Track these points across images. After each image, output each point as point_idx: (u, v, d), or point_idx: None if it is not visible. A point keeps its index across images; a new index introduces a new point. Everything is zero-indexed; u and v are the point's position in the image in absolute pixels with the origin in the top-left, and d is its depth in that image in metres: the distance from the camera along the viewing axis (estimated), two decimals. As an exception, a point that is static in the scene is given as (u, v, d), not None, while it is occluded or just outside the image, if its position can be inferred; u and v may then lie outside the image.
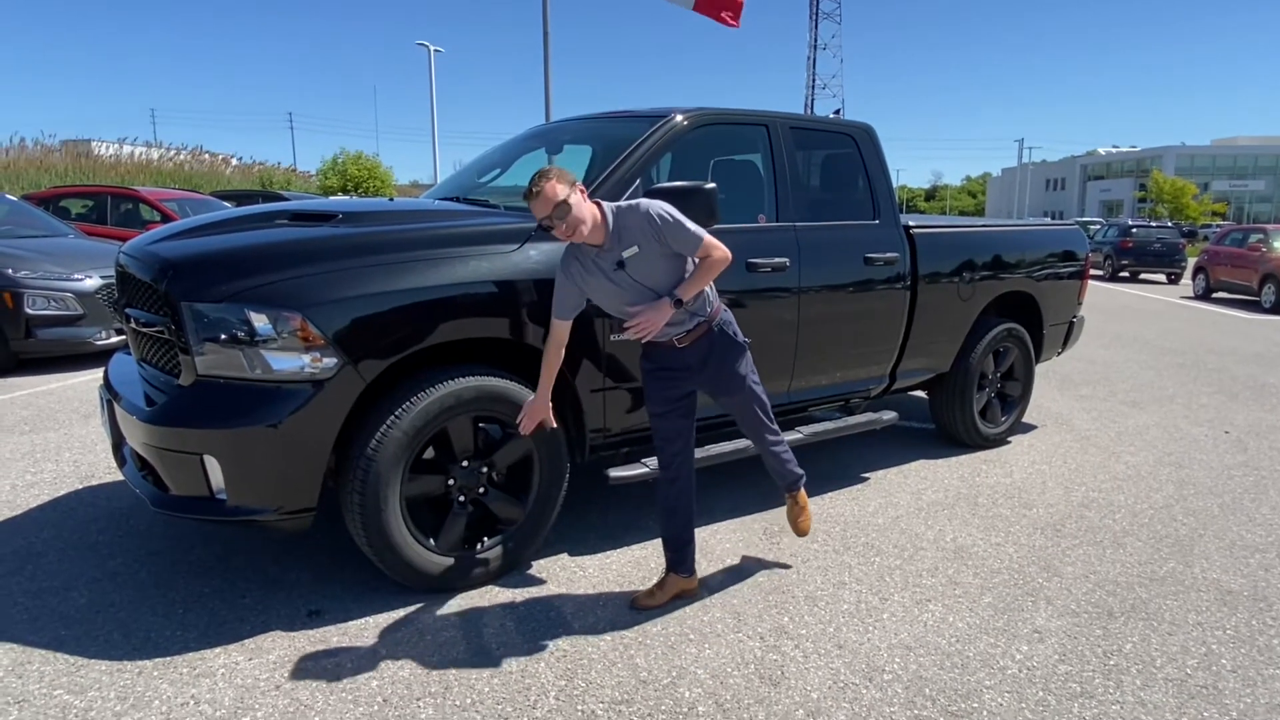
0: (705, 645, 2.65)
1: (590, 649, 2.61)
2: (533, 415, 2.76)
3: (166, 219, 9.45)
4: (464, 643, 2.63)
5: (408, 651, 2.57)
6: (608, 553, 3.35)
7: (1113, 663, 2.63)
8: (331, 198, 14.42)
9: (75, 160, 22.23)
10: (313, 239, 2.82)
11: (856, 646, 2.67)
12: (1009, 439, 5.13)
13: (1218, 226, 35.95)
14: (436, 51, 26.08)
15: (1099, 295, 15.28)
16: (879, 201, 4.17)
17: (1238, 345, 9.63)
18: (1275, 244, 14.72)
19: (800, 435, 3.85)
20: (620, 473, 3.25)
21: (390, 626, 2.71)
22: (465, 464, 2.92)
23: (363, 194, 28.11)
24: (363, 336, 2.63)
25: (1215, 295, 16.31)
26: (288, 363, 2.56)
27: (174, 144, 28.14)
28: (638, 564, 3.25)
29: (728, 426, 3.75)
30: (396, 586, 2.91)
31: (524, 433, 2.81)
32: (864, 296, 4.04)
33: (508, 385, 2.91)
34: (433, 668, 2.48)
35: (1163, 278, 21.39)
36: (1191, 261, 18.83)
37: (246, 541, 3.33)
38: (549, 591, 3.00)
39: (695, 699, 2.37)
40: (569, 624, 2.77)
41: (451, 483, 2.90)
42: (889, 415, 4.24)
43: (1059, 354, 5.55)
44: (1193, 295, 16.65)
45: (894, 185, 4.35)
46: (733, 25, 8.36)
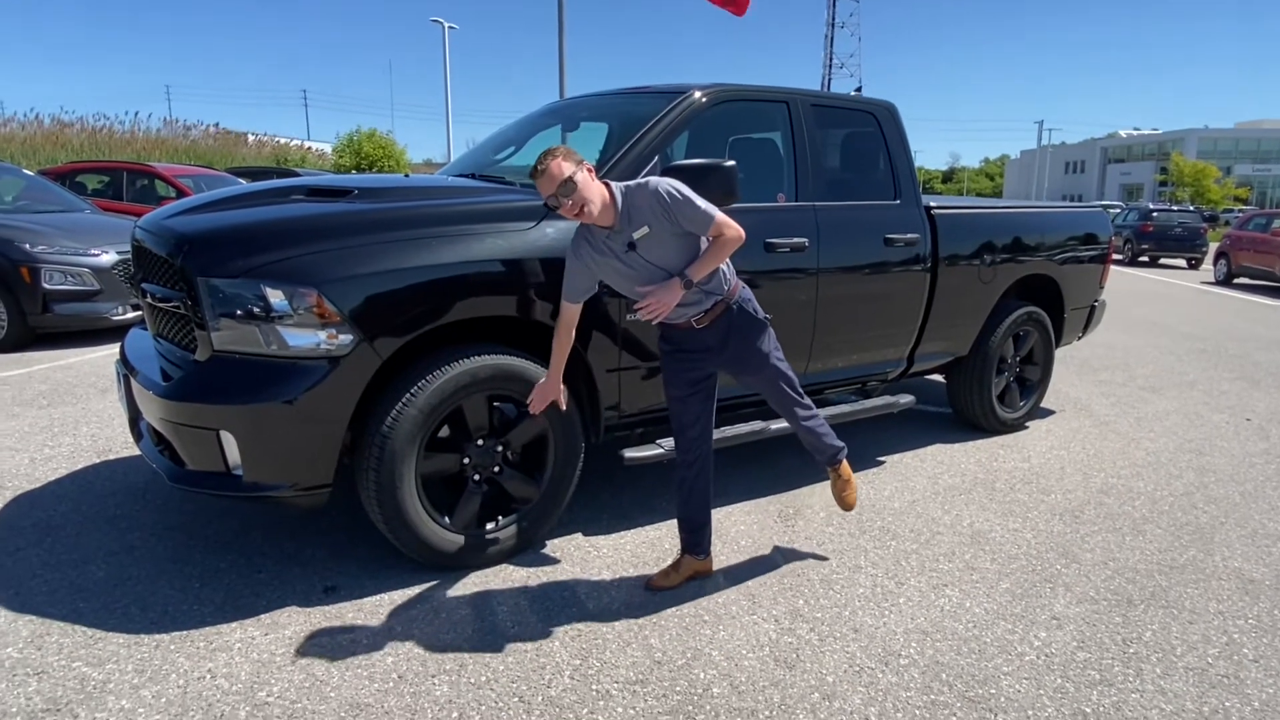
0: (720, 627, 2.64)
1: (605, 629, 2.61)
2: (543, 395, 2.75)
3: (181, 195, 9.46)
4: (478, 621, 2.63)
5: (422, 629, 2.57)
6: (622, 533, 3.34)
7: (1132, 650, 2.61)
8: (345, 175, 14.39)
9: (91, 136, 22.30)
10: (329, 215, 2.80)
11: (872, 631, 2.65)
12: (1026, 424, 5.08)
13: (1240, 211, 35.39)
14: (451, 28, 25.93)
15: (1118, 279, 15.09)
16: (900, 181, 4.10)
17: (1260, 331, 9.49)
18: (1300, 229, 14.47)
19: None
20: (635, 453, 3.23)
21: (405, 604, 2.72)
22: (480, 443, 2.91)
23: (377, 172, 28.07)
24: (378, 313, 2.61)
25: (1237, 281, 16.07)
26: (304, 339, 2.55)
27: (191, 121, 28.19)
28: (652, 544, 3.24)
29: (745, 408, 3.72)
30: (411, 564, 2.91)
31: (533, 412, 2.79)
32: (883, 278, 3.99)
33: (523, 364, 2.89)
34: (447, 646, 2.49)
35: (1183, 263, 21.10)
36: (1213, 247, 18.55)
37: (263, 517, 3.35)
38: (563, 571, 2.99)
39: (710, 680, 2.36)
40: (583, 604, 2.76)
41: (466, 461, 2.90)
42: (906, 399, 4.19)
43: (1079, 339, 5.47)
44: (1214, 281, 16.42)
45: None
46: (738, 14, 8.27)
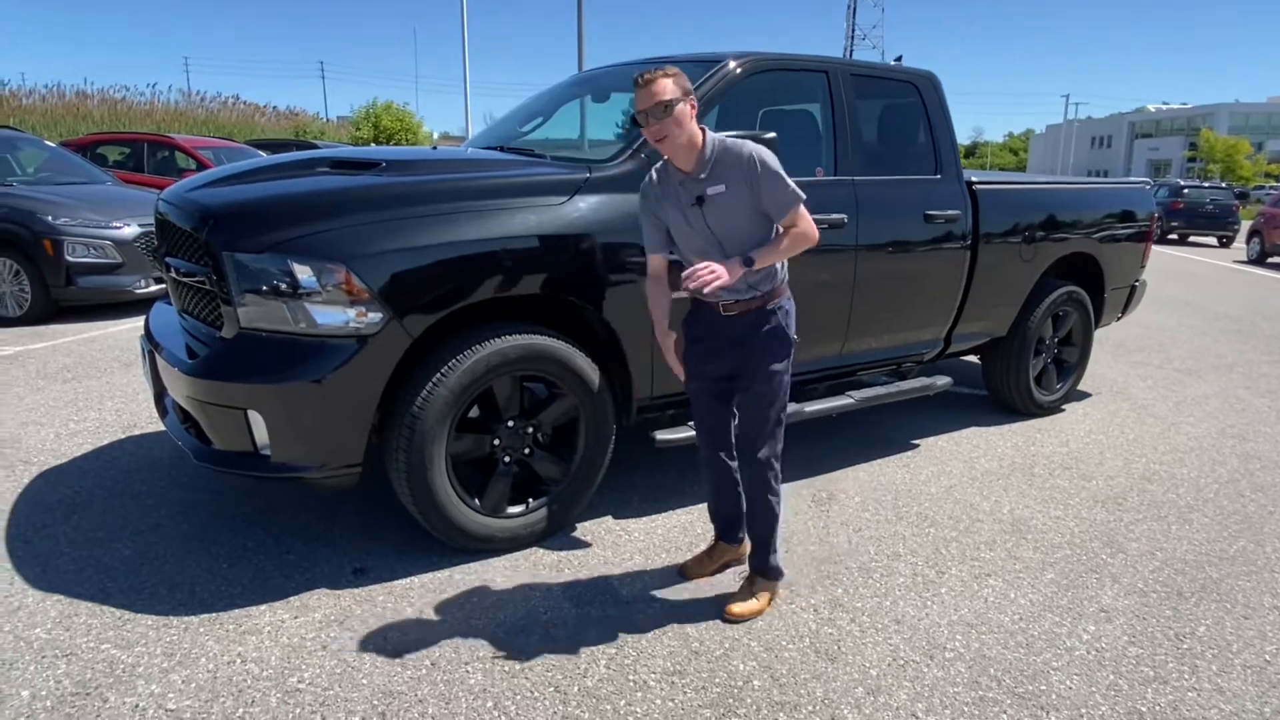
0: (758, 616, 2.57)
1: (640, 616, 2.55)
2: (670, 359, 2.61)
3: (202, 167, 9.40)
4: (510, 606, 2.58)
5: (454, 614, 2.52)
6: (653, 516, 3.27)
7: (1186, 646, 2.51)
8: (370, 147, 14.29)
9: (111, 108, 22.30)
10: (357, 188, 2.72)
11: (915, 622, 2.57)
12: (1063, 407, 4.96)
13: (1272, 188, 34.57)
14: (468, -2, 25.57)
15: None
16: (941, 155, 3.97)
17: (1298, 312, 9.25)
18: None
19: (851, 400, 3.72)
20: (667, 435, 3.16)
21: (435, 587, 2.67)
22: (510, 424, 2.85)
23: (396, 145, 27.91)
24: (408, 291, 2.54)
25: (1271, 260, 15.70)
26: (332, 316, 2.48)
27: (208, 92, 28.15)
28: (684, 529, 3.17)
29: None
30: (440, 546, 2.86)
31: (678, 373, 2.61)
32: (923, 256, 3.88)
33: (554, 344, 2.82)
34: (479, 631, 2.43)
35: (1213, 240, 20.65)
36: (1245, 224, 18.12)
37: (290, 496, 3.30)
38: (594, 555, 2.94)
39: (750, 672, 2.29)
40: (616, 590, 2.71)
41: (496, 443, 2.84)
42: (943, 380, 4.09)
43: (1118, 319, 5.32)
44: (1246, 260, 16.05)
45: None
46: None
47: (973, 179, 4.12)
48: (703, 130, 2.34)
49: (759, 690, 2.22)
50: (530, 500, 2.95)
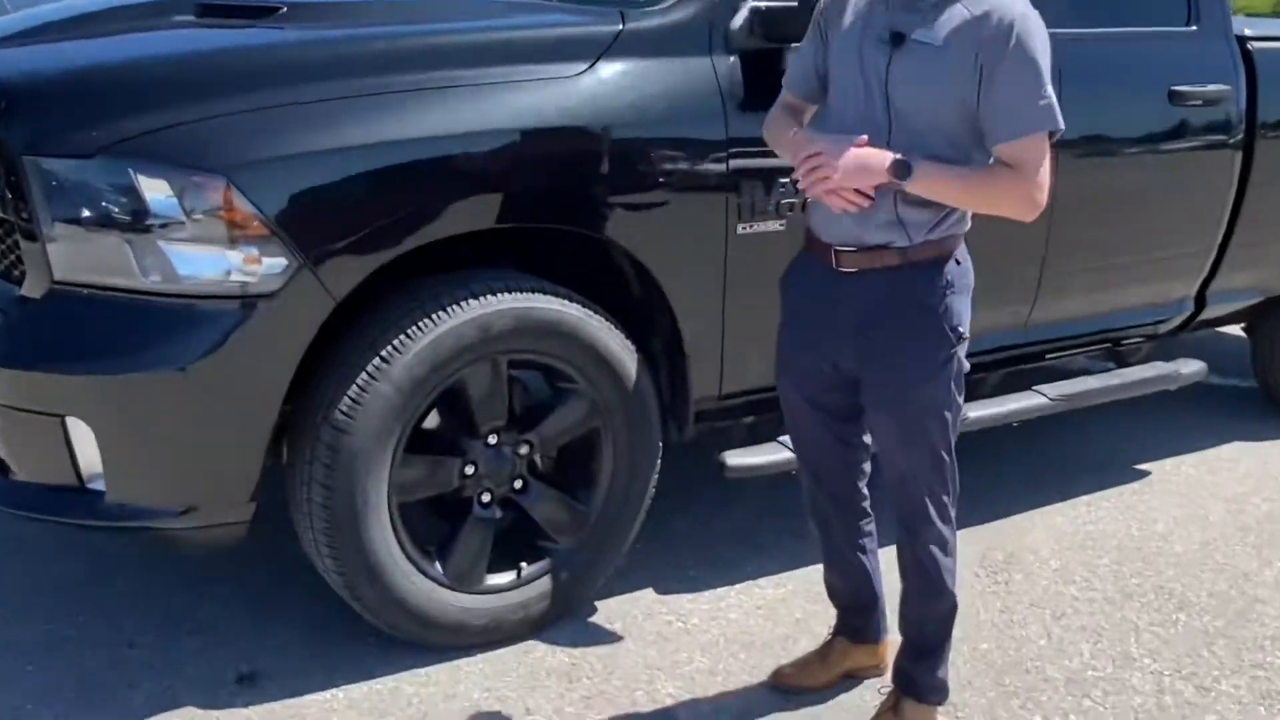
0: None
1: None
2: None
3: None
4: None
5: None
6: (720, 590, 3.27)
7: None
8: None
9: None
10: (241, 51, 2.79)
11: (1167, 775, 2.50)
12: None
13: None
14: None
15: None
16: (1198, -6, 4.00)
17: None
18: None
19: (1043, 399, 3.74)
20: (742, 460, 3.16)
21: (369, 707, 2.67)
22: (493, 440, 2.86)
23: None
24: (329, 221, 2.53)
25: None
26: (203, 263, 2.46)
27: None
28: (772, 610, 3.17)
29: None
30: (380, 637, 2.86)
31: (807, 190, 2.36)
32: (1164, 160, 3.91)
33: (564, 309, 2.81)
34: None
35: None
36: None
37: (133, 551, 3.29)
38: (629, 657, 2.93)
39: None
40: (672, 717, 2.70)
41: (470, 471, 2.85)
42: (1193, 367, 4.10)
43: None
44: None
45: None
46: None
47: (1248, 33, 4.12)
48: None
49: None
50: (523, 565, 2.97)
